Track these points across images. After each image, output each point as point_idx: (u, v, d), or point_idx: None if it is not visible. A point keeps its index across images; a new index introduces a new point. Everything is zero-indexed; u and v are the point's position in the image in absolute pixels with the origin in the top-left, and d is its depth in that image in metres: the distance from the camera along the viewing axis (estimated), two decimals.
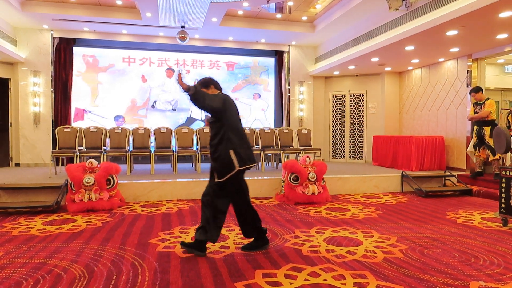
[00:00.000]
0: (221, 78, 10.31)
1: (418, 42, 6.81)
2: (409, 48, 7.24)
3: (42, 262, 2.96)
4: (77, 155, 6.82)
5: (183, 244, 3.25)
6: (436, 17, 5.80)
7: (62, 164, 7.70)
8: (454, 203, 5.63)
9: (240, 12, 8.45)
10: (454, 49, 7.24)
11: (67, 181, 5.23)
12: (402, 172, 6.89)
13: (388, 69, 9.41)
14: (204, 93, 3.10)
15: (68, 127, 7.28)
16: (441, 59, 8.21)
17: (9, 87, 8.73)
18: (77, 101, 9.38)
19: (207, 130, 7.65)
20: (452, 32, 6.12)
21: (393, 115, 9.92)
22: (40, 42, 8.82)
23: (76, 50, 9.37)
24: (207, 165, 8.96)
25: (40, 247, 3.37)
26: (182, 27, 8.54)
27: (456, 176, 6.93)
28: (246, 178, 3.31)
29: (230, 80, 10.40)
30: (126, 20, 8.26)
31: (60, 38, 9.02)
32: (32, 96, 8.80)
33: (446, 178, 6.98)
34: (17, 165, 8.76)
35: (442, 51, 7.48)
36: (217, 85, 3.39)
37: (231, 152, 3.04)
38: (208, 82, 3.37)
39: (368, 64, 8.88)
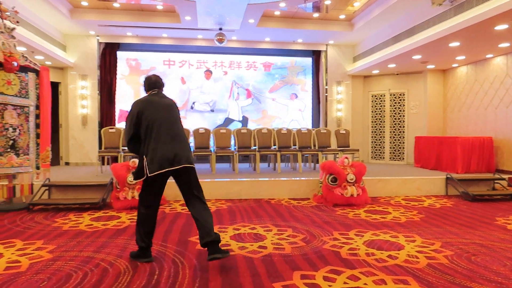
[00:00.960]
0: (258, 79, 10.38)
1: (464, 38, 6.48)
2: (454, 44, 6.91)
3: (90, 256, 3.12)
4: (121, 155, 7.13)
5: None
6: (483, 11, 5.50)
7: (108, 163, 8.08)
8: (504, 208, 5.31)
9: (277, 13, 8.45)
10: (504, 45, 6.82)
11: (112, 179, 5.48)
12: (446, 175, 6.59)
13: (431, 66, 9.04)
14: (131, 148, 3.09)
15: (112, 128, 7.63)
16: (489, 55, 7.77)
17: (59, 90, 9.29)
18: (120, 102, 9.80)
19: (245, 131, 7.73)
20: (501, 27, 5.77)
21: (437, 115, 9.51)
22: (87, 48, 9.31)
23: (120, 54, 9.80)
24: (245, 165, 9.05)
25: (88, 242, 3.55)
26: (220, 29, 8.68)
27: (507, 179, 6.52)
28: (284, 179, 3.30)
29: (267, 81, 10.44)
30: (166, 24, 8.54)
31: (106, 43, 9.49)
32: (80, 99, 9.30)
33: (496, 181, 6.59)
34: (67, 163, 9.30)
35: (490, 47, 7.07)
36: (148, 85, 3.24)
37: (144, 158, 2.90)
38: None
39: (410, 62, 8.58)
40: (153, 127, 2.94)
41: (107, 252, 3.22)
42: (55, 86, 9.11)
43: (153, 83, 3.21)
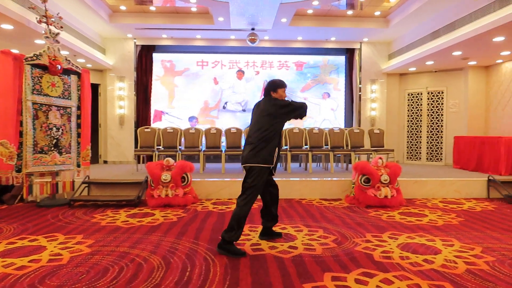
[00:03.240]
0: (290, 78, 10.33)
1: (510, 32, 6.13)
2: (499, 39, 6.55)
3: (126, 252, 3.24)
4: (155, 154, 7.34)
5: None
6: None
7: (143, 162, 8.34)
8: None
9: (310, 11, 8.37)
10: None
11: (147, 177, 5.65)
12: (488, 176, 6.26)
13: (472, 63, 8.62)
14: None
15: (148, 128, 7.86)
16: None
17: (99, 91, 9.70)
18: (155, 103, 10.09)
19: None
20: None
21: (478, 114, 9.05)
22: (125, 50, 9.66)
23: (156, 56, 10.08)
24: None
25: (124, 238, 3.69)
26: (252, 29, 8.73)
27: None
28: (315, 179, 3.26)
29: (299, 80, 10.37)
30: (200, 25, 8.69)
31: (142, 45, 9.80)
32: (118, 100, 9.67)
33: None
34: (105, 162, 9.69)
35: None
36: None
37: None
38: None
39: (449, 59, 8.23)
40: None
41: (141, 248, 3.33)
42: (95, 87, 9.52)
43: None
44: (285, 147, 7.65)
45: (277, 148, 3.31)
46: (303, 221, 4.45)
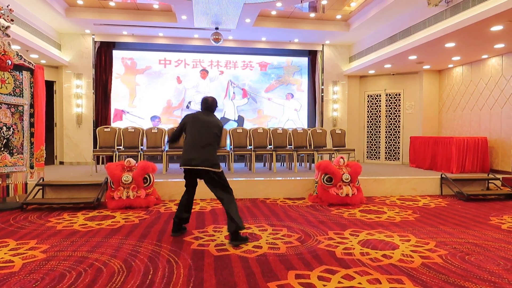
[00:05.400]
0: (254, 78, 10.37)
1: (460, 38, 6.52)
2: (450, 45, 6.94)
3: (84, 256, 3.10)
4: (116, 154, 7.09)
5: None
6: (479, 12, 5.53)
7: (102, 163, 8.03)
8: (498, 208, 5.34)
9: (274, 13, 8.45)
10: (499, 45, 6.87)
11: (107, 179, 5.45)
12: (441, 174, 6.62)
13: (426, 67, 9.08)
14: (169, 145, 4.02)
15: (107, 127, 7.59)
16: (484, 56, 7.82)
17: (54, 89, 9.23)
18: (116, 102, 9.75)
19: (240, 130, 7.72)
20: (497, 28, 5.81)
21: (432, 115, 9.56)
22: (83, 46, 9.26)
23: (116, 53, 9.75)
24: (241, 165, 9.03)
25: (82, 242, 3.53)
26: (216, 28, 8.67)
27: (501, 179, 6.56)
28: (279, 178, 3.29)
29: (263, 81, 10.43)
30: (163, 23, 8.50)
31: (101, 42, 9.43)
32: (75, 98, 9.25)
33: (490, 181, 6.63)
34: (61, 163, 9.24)
35: (486, 48, 7.12)
36: (203, 105, 3.88)
37: None
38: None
39: (405, 63, 8.61)
40: (191, 134, 3.72)
41: (101, 252, 3.20)
42: (49, 85, 9.05)
43: (202, 106, 3.90)
44: (250, 147, 7.66)
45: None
46: (268, 220, 4.48)
